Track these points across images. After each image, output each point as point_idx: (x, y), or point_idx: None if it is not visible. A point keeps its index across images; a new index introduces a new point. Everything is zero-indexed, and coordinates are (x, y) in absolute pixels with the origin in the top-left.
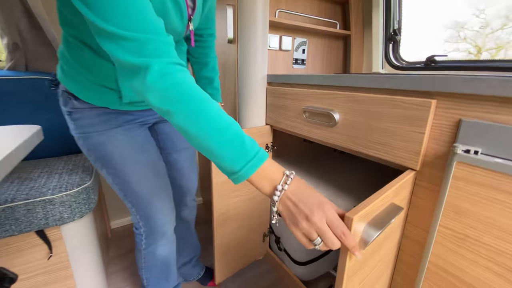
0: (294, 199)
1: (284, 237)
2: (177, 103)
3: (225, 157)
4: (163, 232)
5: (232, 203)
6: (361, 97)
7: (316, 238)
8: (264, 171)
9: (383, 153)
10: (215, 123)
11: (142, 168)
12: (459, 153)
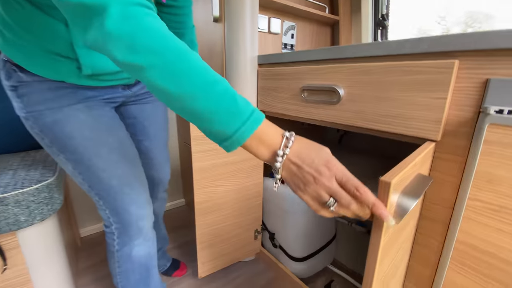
0: (298, 162)
1: (279, 232)
2: (150, 53)
3: (214, 119)
4: (138, 228)
5: (217, 191)
6: (369, 67)
7: (328, 199)
8: (261, 135)
9: (396, 126)
10: (199, 77)
11: (109, 152)
12: (491, 114)
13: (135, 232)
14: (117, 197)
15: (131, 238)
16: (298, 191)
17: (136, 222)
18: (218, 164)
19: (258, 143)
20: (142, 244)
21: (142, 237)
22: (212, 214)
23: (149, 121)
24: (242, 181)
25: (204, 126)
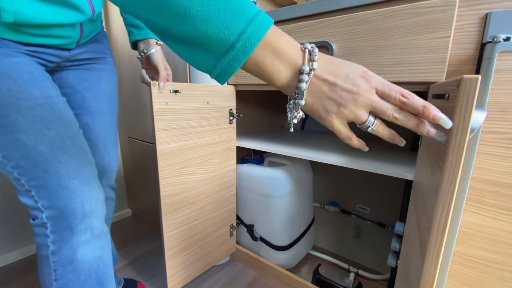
0: (330, 79)
1: (259, 223)
2: None
3: (209, 17)
4: (84, 215)
5: (186, 181)
6: (366, 16)
7: (367, 118)
8: (275, 43)
9: (400, 74)
10: None
11: (33, 108)
12: (501, 42)
13: (80, 221)
14: (49, 167)
15: (74, 232)
16: (328, 117)
17: (80, 205)
18: (188, 146)
19: (273, 56)
20: (91, 243)
21: (90, 231)
22: (182, 210)
23: (92, 92)
24: (216, 167)
25: (192, 31)
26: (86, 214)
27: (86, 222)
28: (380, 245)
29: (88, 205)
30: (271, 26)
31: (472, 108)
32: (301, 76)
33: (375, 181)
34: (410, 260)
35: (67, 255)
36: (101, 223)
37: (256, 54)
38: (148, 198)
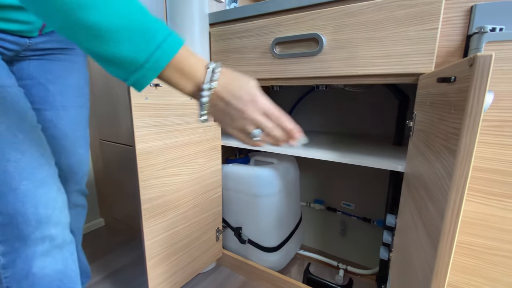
0: (226, 98)
1: (247, 224)
2: None
3: (121, 39)
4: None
5: (169, 183)
6: (358, 8)
7: (252, 130)
8: (182, 63)
9: (390, 66)
10: None
11: None
12: (488, 32)
13: (34, 229)
14: None
15: (27, 242)
16: (225, 125)
17: (34, 210)
18: (171, 144)
19: (179, 74)
20: (51, 254)
21: (48, 240)
22: (165, 214)
23: (56, 85)
24: (200, 168)
25: (106, 51)
26: (42, 221)
27: (42, 230)
28: (366, 240)
29: (44, 210)
30: (180, 48)
31: (486, 86)
32: (202, 92)
33: (357, 177)
34: (411, 250)
35: (22, 269)
36: (62, 231)
37: (164, 72)
38: (123, 205)
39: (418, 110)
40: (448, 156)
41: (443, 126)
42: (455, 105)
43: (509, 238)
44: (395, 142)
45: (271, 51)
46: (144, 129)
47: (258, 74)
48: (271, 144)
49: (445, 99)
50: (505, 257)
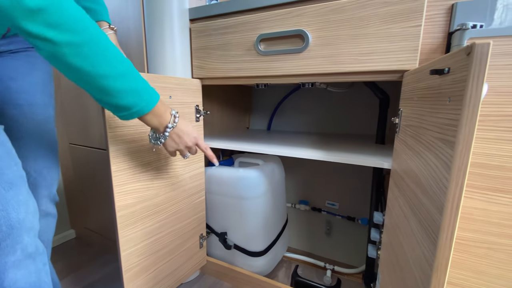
0: (180, 134)
1: (232, 229)
2: (69, 30)
3: (123, 96)
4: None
5: (146, 188)
6: (342, 4)
7: (187, 153)
8: (157, 110)
9: (374, 63)
10: (113, 57)
11: None
12: (470, 29)
13: (5, 235)
14: None
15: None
16: (171, 149)
17: (4, 214)
18: (148, 146)
19: (153, 117)
20: (23, 265)
21: (20, 249)
22: (143, 221)
23: (19, 82)
24: (182, 171)
25: (109, 101)
26: (13, 226)
27: (13, 237)
28: (351, 239)
29: (15, 214)
30: (157, 103)
31: (485, 73)
32: (166, 129)
33: (341, 176)
34: (404, 247)
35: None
36: (34, 239)
37: (145, 116)
38: (96, 214)
39: (404, 106)
40: (444, 148)
41: (435, 118)
42: (451, 96)
43: (493, 230)
44: (378, 141)
45: (256, 48)
46: (118, 129)
47: (242, 71)
48: (192, 153)
49: (437, 91)
50: (489, 249)
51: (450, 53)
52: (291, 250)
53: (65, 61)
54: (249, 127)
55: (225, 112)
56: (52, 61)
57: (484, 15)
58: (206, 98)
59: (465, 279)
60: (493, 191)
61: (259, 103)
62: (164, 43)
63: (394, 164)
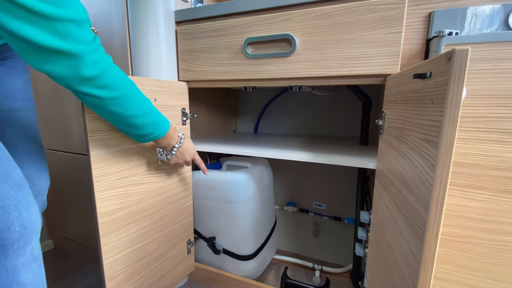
0: (183, 151)
1: (221, 233)
2: (113, 88)
3: (145, 128)
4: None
5: (130, 193)
6: (327, 11)
7: (184, 166)
8: (168, 136)
9: (359, 67)
10: (141, 101)
11: None
12: (446, 35)
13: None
14: None
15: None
16: (173, 163)
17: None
18: (132, 150)
19: (164, 140)
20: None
21: (29, 251)
22: (127, 228)
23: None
24: (168, 175)
25: (135, 132)
26: (26, 226)
27: (25, 238)
28: (338, 238)
29: (27, 214)
30: (169, 129)
31: (464, 78)
32: (173, 148)
33: (326, 177)
34: (391, 245)
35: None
36: (38, 242)
37: (160, 139)
38: (76, 222)
39: (388, 109)
40: (429, 148)
41: (419, 120)
42: (433, 99)
43: (472, 225)
44: (362, 142)
45: (243, 51)
46: (99, 133)
47: (230, 74)
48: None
49: (419, 94)
50: (469, 243)
51: (431, 58)
52: (279, 252)
53: (106, 109)
54: (236, 130)
55: (212, 115)
56: (94, 108)
57: (457, 23)
58: (192, 101)
59: (447, 273)
60: (471, 188)
61: (246, 106)
62: (149, 45)
63: (379, 164)
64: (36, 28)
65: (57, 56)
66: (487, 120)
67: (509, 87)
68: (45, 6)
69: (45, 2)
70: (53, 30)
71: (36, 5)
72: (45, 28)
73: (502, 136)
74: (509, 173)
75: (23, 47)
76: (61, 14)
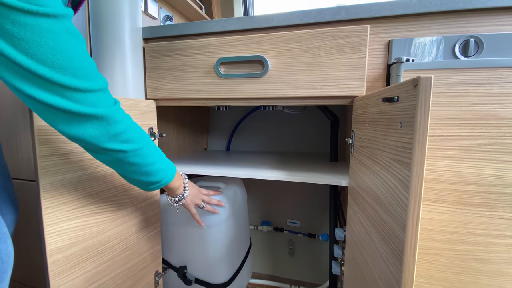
0: (191, 197)
1: (193, 261)
2: (135, 141)
3: (155, 174)
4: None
5: (87, 224)
6: (297, 35)
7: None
8: (174, 182)
9: (328, 89)
10: (154, 149)
11: None
12: (404, 62)
13: None
14: None
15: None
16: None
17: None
18: (90, 175)
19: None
20: None
21: None
22: (83, 265)
23: None
24: (132, 201)
25: (147, 179)
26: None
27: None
28: (313, 256)
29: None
30: (175, 175)
31: (430, 103)
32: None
33: (299, 194)
34: (368, 262)
35: None
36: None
37: (167, 185)
38: (22, 261)
39: (357, 128)
40: (401, 169)
41: (389, 141)
42: (402, 121)
43: (436, 237)
44: (332, 159)
45: (216, 70)
46: (51, 158)
47: (202, 93)
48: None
49: (388, 117)
50: (436, 254)
51: (398, 84)
52: (255, 275)
53: (127, 161)
54: (207, 148)
55: (182, 133)
56: (114, 163)
57: (410, 51)
58: (161, 120)
59: (419, 285)
60: (433, 202)
61: (217, 124)
62: (113, 61)
63: (351, 181)
64: (72, 101)
65: (89, 119)
66: (443, 138)
67: (459, 108)
68: (78, 81)
69: (78, 77)
70: (86, 101)
71: (71, 82)
72: (79, 100)
73: (457, 152)
74: (465, 186)
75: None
76: (92, 86)
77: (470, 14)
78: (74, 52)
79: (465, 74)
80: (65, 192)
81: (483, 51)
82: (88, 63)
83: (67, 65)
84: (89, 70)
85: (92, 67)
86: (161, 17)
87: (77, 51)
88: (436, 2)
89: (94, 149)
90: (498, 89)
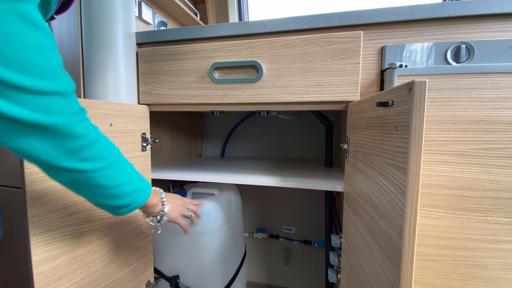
0: (176, 208)
1: (186, 270)
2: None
3: (127, 196)
4: None
5: (76, 233)
6: (291, 41)
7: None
8: (149, 202)
9: (323, 94)
10: (125, 167)
11: None
12: (397, 67)
13: None
14: None
15: None
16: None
17: None
18: None
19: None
20: None
21: None
22: (71, 276)
23: None
24: None
25: (109, 204)
26: None
27: None
28: (309, 263)
29: None
30: (150, 196)
31: (425, 107)
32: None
33: (294, 200)
34: (365, 270)
35: None
36: None
37: (143, 207)
38: (8, 272)
39: (352, 133)
40: (397, 173)
41: (385, 146)
42: (397, 126)
43: (432, 243)
44: (327, 164)
45: (210, 75)
46: None
47: (196, 98)
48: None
49: (383, 121)
50: (432, 261)
51: (392, 88)
52: (250, 284)
53: (86, 183)
54: (201, 154)
55: (176, 138)
56: (71, 184)
57: (403, 57)
58: (154, 125)
59: None
60: (429, 207)
61: (211, 129)
62: (106, 66)
63: (346, 186)
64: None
65: (38, 130)
66: (438, 143)
67: (453, 113)
68: (25, 78)
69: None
70: (36, 105)
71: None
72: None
73: (452, 157)
74: (460, 191)
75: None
76: (46, 87)
77: (461, 21)
78: (26, 40)
79: (457, 79)
80: (54, 200)
81: (475, 57)
82: (46, 57)
83: (10, 55)
84: (45, 66)
85: (52, 63)
86: (155, 22)
87: (31, 41)
88: (428, 9)
89: (46, 168)
90: (490, 94)
